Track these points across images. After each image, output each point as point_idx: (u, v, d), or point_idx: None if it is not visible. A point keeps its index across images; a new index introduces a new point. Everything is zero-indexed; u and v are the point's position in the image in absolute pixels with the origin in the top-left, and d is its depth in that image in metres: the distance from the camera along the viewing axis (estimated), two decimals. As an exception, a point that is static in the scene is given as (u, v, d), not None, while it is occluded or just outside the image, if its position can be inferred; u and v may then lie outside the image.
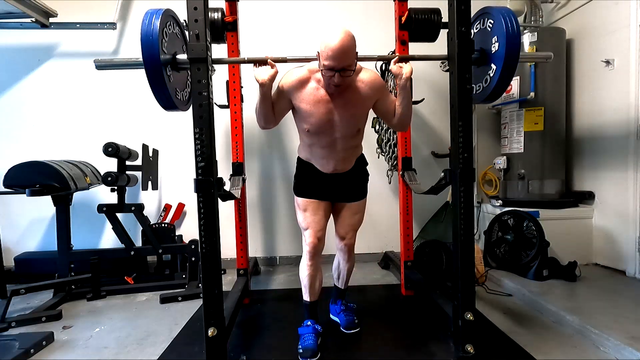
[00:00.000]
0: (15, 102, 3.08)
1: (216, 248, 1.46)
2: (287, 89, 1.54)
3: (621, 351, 1.58)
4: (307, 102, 1.52)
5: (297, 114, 1.61)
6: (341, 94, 1.52)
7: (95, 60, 1.64)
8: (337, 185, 1.71)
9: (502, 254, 2.73)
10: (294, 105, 1.57)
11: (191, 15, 1.41)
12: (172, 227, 2.88)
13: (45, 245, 3.08)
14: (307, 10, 3.15)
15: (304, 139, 1.66)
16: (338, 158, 1.65)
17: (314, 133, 1.58)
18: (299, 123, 1.63)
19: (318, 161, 1.67)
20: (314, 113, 1.53)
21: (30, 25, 2.77)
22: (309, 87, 1.52)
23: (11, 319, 2.05)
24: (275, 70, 1.49)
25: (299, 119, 1.61)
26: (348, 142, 1.63)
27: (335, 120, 1.55)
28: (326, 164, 1.66)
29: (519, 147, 2.90)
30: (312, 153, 1.67)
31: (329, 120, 1.54)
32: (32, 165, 2.31)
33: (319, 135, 1.58)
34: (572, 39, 2.95)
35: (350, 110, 1.55)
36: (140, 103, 3.05)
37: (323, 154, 1.64)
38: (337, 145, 1.61)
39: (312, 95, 1.52)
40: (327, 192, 1.71)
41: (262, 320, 2.06)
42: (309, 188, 1.71)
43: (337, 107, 1.53)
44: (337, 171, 1.68)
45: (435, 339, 1.78)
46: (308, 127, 1.56)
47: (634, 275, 2.47)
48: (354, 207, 1.78)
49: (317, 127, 1.55)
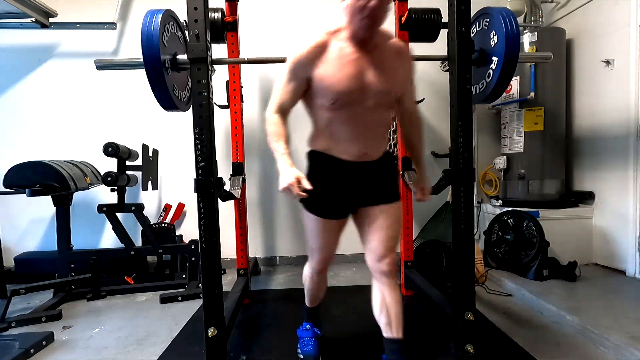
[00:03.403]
0: (16, 102, 3.07)
1: (216, 248, 1.46)
2: (305, 59, 1.25)
3: (621, 351, 1.58)
4: (332, 65, 1.24)
5: (314, 89, 1.29)
6: (371, 52, 1.26)
7: (96, 61, 1.64)
8: (365, 182, 1.36)
9: (502, 254, 2.73)
10: (312, 78, 1.26)
11: (191, 15, 1.41)
12: (172, 227, 2.88)
13: (45, 245, 3.08)
14: (307, 10, 3.15)
15: (322, 119, 1.32)
16: (367, 137, 1.33)
17: (340, 104, 1.26)
18: (317, 100, 1.30)
19: (341, 146, 1.32)
20: (341, 76, 1.23)
21: (30, 25, 2.77)
22: (332, 48, 1.25)
23: (11, 319, 2.05)
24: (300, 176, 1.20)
25: (318, 93, 1.28)
26: (381, 114, 1.33)
27: (368, 81, 1.26)
28: (351, 147, 1.32)
29: (519, 147, 2.90)
30: (332, 136, 1.32)
31: (360, 82, 1.25)
32: (32, 165, 2.30)
33: (347, 106, 1.26)
34: (572, 39, 2.95)
35: (385, 72, 1.27)
36: (140, 103, 3.05)
37: (348, 134, 1.30)
38: (368, 118, 1.30)
39: (337, 56, 1.24)
40: (350, 196, 1.36)
41: (262, 320, 2.06)
42: (325, 200, 1.35)
43: (369, 65, 1.26)
44: (364, 158, 1.34)
45: (435, 339, 1.78)
46: (333, 97, 1.25)
47: (634, 275, 2.47)
48: (391, 213, 1.37)
49: (345, 93, 1.24)
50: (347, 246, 3.15)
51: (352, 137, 1.31)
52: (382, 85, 1.27)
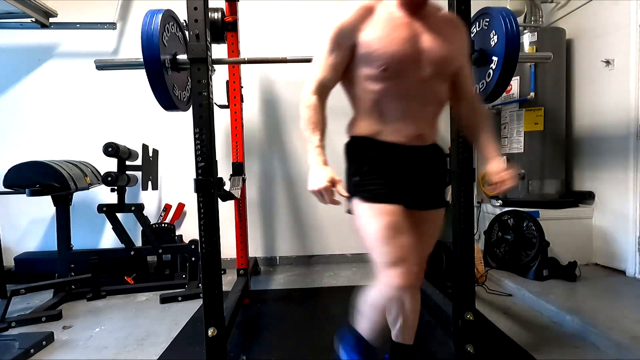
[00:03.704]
0: (16, 102, 3.07)
1: (216, 248, 1.46)
2: (350, 24, 1.09)
3: (621, 351, 1.58)
4: (381, 28, 1.08)
5: (359, 59, 1.11)
6: (424, 19, 1.12)
7: (96, 61, 1.64)
8: (418, 174, 1.17)
9: (502, 254, 2.73)
10: (357, 45, 1.09)
11: (191, 15, 1.41)
12: (172, 227, 2.88)
13: (45, 245, 3.09)
14: (307, 10, 3.15)
15: (369, 96, 1.12)
16: (423, 115, 1.15)
17: (392, 73, 1.08)
18: (362, 70, 1.11)
19: (392, 126, 1.12)
20: (393, 39, 1.07)
21: (30, 25, 2.77)
22: (378, 13, 1.10)
23: (11, 319, 2.05)
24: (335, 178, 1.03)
25: (364, 62, 1.10)
26: (439, 88, 1.15)
27: (423, 46, 1.09)
28: (405, 127, 1.12)
29: (519, 147, 2.90)
30: (382, 115, 1.13)
31: (415, 47, 1.08)
32: (32, 165, 2.31)
33: (400, 75, 1.08)
34: (572, 39, 2.95)
35: (441, 38, 1.11)
36: (140, 103, 3.05)
37: (402, 111, 1.12)
38: (424, 91, 1.12)
39: (386, 18, 1.09)
40: (404, 189, 1.14)
41: (262, 320, 2.06)
42: (388, 183, 1.11)
43: (423, 30, 1.10)
44: (418, 141, 1.15)
45: (435, 339, 1.78)
46: (384, 63, 1.06)
47: (634, 275, 2.47)
48: (436, 223, 1.25)
49: (398, 58, 1.06)
50: (347, 246, 3.17)
51: (406, 114, 1.12)
52: (440, 51, 1.10)
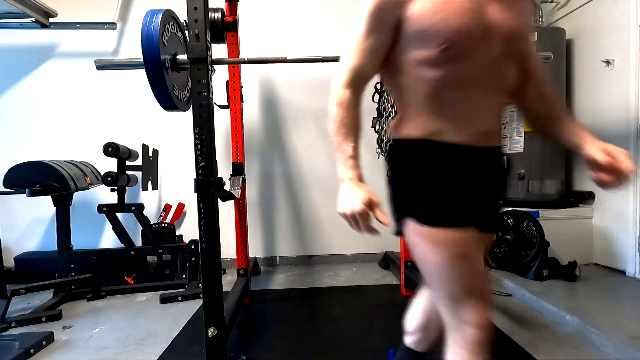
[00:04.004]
0: (15, 102, 3.07)
1: (216, 248, 1.46)
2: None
3: (621, 351, 1.58)
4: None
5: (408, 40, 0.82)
6: None
7: (96, 61, 1.64)
8: (489, 187, 0.90)
9: (502, 254, 2.73)
10: (405, 21, 0.80)
11: (191, 15, 1.41)
12: (172, 227, 2.88)
13: (45, 245, 3.08)
14: (307, 10, 3.15)
15: (423, 86, 0.83)
16: (493, 108, 0.88)
17: (454, 53, 0.78)
18: (413, 54, 0.82)
19: (454, 122, 0.84)
20: (454, 9, 0.77)
21: (30, 25, 2.77)
22: None
23: (11, 319, 2.05)
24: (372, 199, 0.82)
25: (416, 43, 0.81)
26: (511, 73, 0.87)
27: (491, 18, 0.80)
28: (473, 123, 0.85)
29: (519, 147, 2.90)
30: (441, 110, 0.83)
31: (481, 18, 0.79)
32: (32, 165, 2.31)
33: (464, 56, 0.79)
34: (572, 39, 2.95)
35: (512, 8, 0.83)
36: (140, 103, 3.05)
37: (467, 102, 0.83)
38: (495, 76, 0.84)
39: None
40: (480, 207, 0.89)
41: (262, 320, 2.06)
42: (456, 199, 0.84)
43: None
44: (487, 142, 0.88)
45: (435, 339, 1.78)
46: (444, 41, 0.77)
47: (634, 275, 2.47)
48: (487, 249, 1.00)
49: (462, 34, 0.77)
50: (347, 246, 3.17)
51: (473, 107, 0.84)
52: (512, 24, 0.82)
